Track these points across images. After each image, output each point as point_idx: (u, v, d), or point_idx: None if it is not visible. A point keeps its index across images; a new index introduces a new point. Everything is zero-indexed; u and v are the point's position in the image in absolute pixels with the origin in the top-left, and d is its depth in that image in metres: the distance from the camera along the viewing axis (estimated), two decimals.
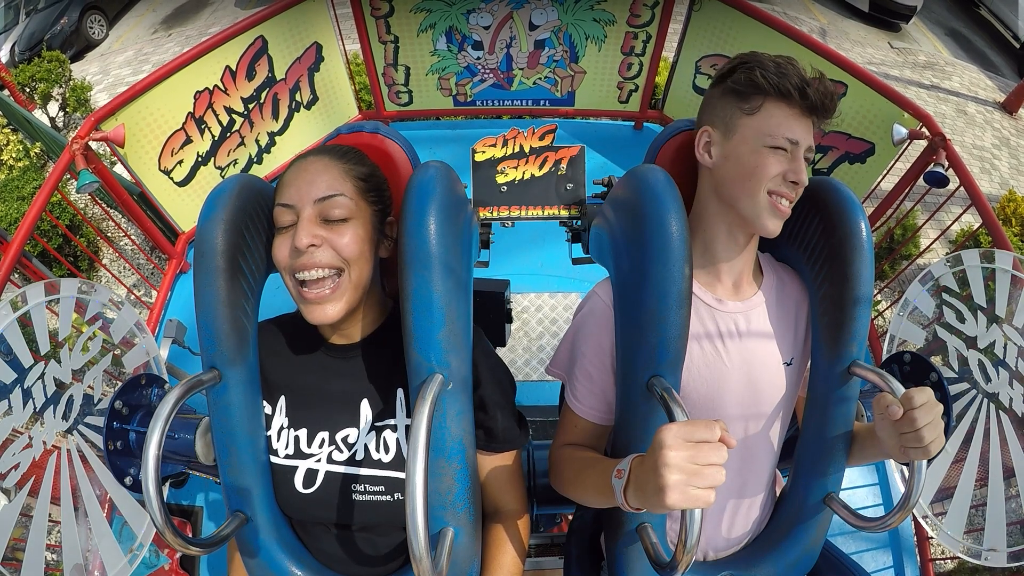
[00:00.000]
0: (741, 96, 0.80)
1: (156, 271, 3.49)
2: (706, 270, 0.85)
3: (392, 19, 2.66)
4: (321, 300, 0.73)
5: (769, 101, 0.78)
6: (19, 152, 4.11)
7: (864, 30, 7.34)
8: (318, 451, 0.79)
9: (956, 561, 2.35)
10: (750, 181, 0.78)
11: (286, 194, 0.75)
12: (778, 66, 0.78)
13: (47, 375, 1.19)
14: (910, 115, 2.18)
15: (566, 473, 0.84)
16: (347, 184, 0.76)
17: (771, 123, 0.78)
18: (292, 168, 0.78)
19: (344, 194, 0.75)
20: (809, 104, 0.77)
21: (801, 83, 0.77)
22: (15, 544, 1.12)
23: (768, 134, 0.77)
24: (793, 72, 0.77)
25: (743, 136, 0.79)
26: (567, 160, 1.18)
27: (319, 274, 0.72)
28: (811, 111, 0.78)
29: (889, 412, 0.69)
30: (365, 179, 0.79)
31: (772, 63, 0.79)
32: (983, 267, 1.28)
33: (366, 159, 0.83)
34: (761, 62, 0.79)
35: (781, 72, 0.77)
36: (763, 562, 0.88)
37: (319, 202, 0.73)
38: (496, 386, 0.83)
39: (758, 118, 0.78)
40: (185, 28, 7.56)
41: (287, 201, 0.75)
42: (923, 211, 4.00)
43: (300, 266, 0.72)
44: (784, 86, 0.76)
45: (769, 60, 0.79)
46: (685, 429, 0.57)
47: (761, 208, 0.78)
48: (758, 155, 0.78)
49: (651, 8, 2.62)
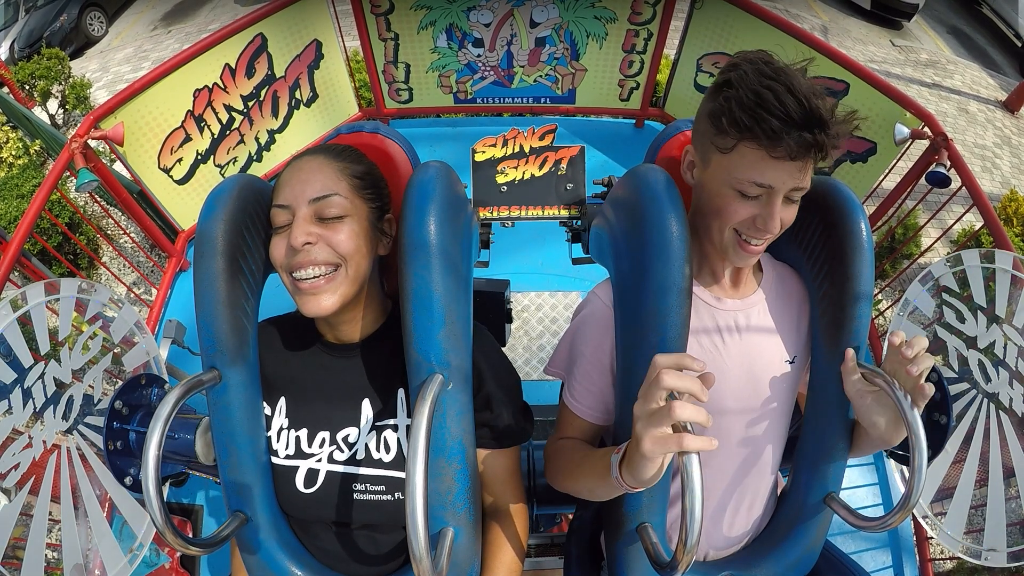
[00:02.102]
0: (717, 128, 0.71)
1: (156, 269, 3.49)
2: (704, 269, 0.85)
3: (392, 16, 2.66)
4: (316, 290, 0.73)
5: (742, 143, 0.68)
6: (18, 150, 4.11)
7: (866, 28, 7.32)
8: (319, 451, 0.79)
9: (955, 561, 2.35)
10: (716, 220, 0.75)
11: (282, 194, 0.75)
12: (758, 100, 0.64)
13: (47, 375, 1.19)
14: (912, 114, 2.18)
15: (561, 461, 0.84)
16: (342, 183, 0.76)
17: (741, 165, 0.69)
18: (288, 168, 0.78)
19: (339, 193, 0.75)
20: (790, 152, 0.65)
21: (782, 125, 0.63)
22: (15, 543, 1.12)
23: (735, 178, 0.70)
24: (776, 109, 0.63)
25: (713, 172, 0.74)
26: (567, 160, 1.18)
27: (315, 272, 0.72)
28: (794, 158, 0.66)
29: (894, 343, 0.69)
30: (361, 177, 0.79)
31: (752, 95, 0.65)
32: (983, 267, 1.27)
33: (363, 157, 0.83)
34: (740, 94, 0.66)
35: (758, 112, 0.64)
36: (763, 562, 0.88)
37: (314, 202, 0.73)
38: (500, 383, 0.83)
39: (729, 158, 0.70)
40: (184, 25, 7.55)
41: (283, 201, 0.75)
42: (924, 210, 3.99)
43: (296, 264, 0.72)
44: (755, 130, 0.65)
45: (752, 88, 0.65)
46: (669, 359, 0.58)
47: (727, 245, 0.76)
48: (723, 197, 0.72)
49: (652, 6, 2.61)
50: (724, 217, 0.74)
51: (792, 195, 0.71)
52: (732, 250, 0.76)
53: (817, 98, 0.64)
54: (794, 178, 0.69)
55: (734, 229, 0.75)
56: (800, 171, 0.69)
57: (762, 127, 0.65)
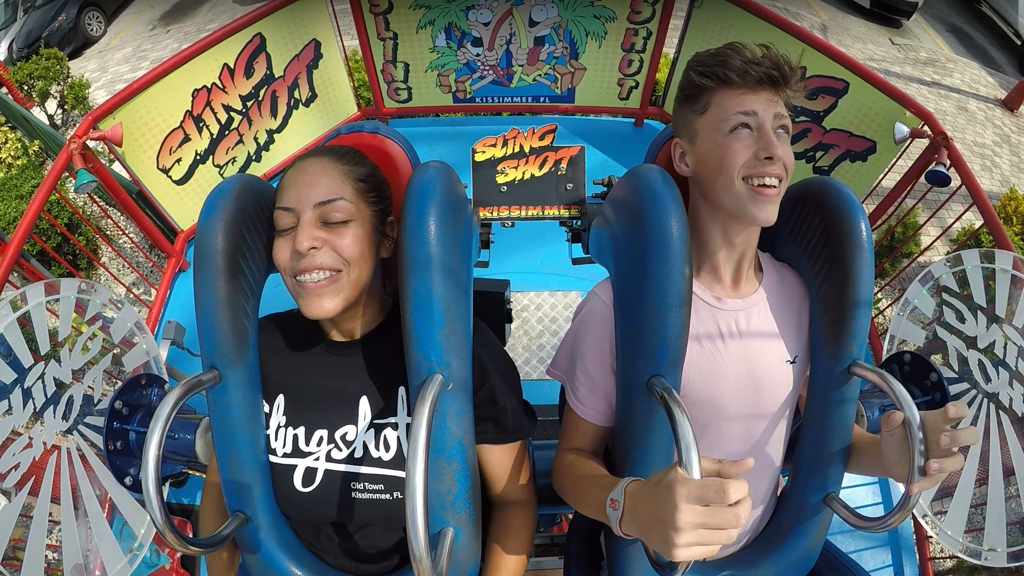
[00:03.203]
0: (692, 100, 0.80)
1: (155, 269, 3.48)
2: (705, 269, 0.85)
3: (391, 15, 2.65)
4: (319, 291, 0.73)
5: (715, 94, 0.76)
6: (17, 150, 4.11)
7: (865, 26, 7.32)
8: (316, 449, 0.79)
9: (955, 560, 2.36)
10: (722, 174, 0.76)
11: (286, 197, 0.75)
12: (715, 56, 0.76)
13: (47, 375, 1.19)
14: (912, 113, 2.18)
15: (568, 486, 0.84)
16: (347, 187, 0.76)
17: (722, 109, 0.76)
18: (292, 170, 0.77)
19: (344, 197, 0.75)
20: (756, 79, 0.74)
21: (743, 63, 0.74)
22: (15, 544, 1.12)
23: (721, 119, 0.76)
24: (732, 55, 0.75)
25: (704, 136, 0.78)
26: (567, 160, 1.17)
27: (319, 276, 0.73)
28: (763, 84, 0.74)
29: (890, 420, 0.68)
30: (365, 180, 0.79)
31: (710, 55, 0.77)
32: (983, 267, 1.28)
33: (366, 159, 0.83)
34: (699, 59, 0.78)
35: (718, 61, 0.75)
36: (763, 562, 0.88)
37: (319, 206, 0.73)
38: (503, 378, 0.83)
39: (710, 112, 0.77)
40: (183, 25, 7.54)
41: (287, 204, 0.74)
42: (924, 209, 3.99)
43: (301, 268, 0.72)
44: (723, 72, 0.74)
45: (709, 53, 0.77)
46: (699, 491, 0.53)
47: (742, 199, 0.75)
48: (720, 145, 0.76)
49: (652, 5, 2.61)
50: (727, 163, 0.75)
51: (779, 125, 0.76)
52: (749, 201, 0.74)
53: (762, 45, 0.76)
54: (774, 104, 0.75)
55: (743, 178, 0.74)
56: (775, 99, 0.75)
57: (728, 67, 0.74)
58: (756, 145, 0.74)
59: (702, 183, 0.81)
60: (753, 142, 0.74)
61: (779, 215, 0.77)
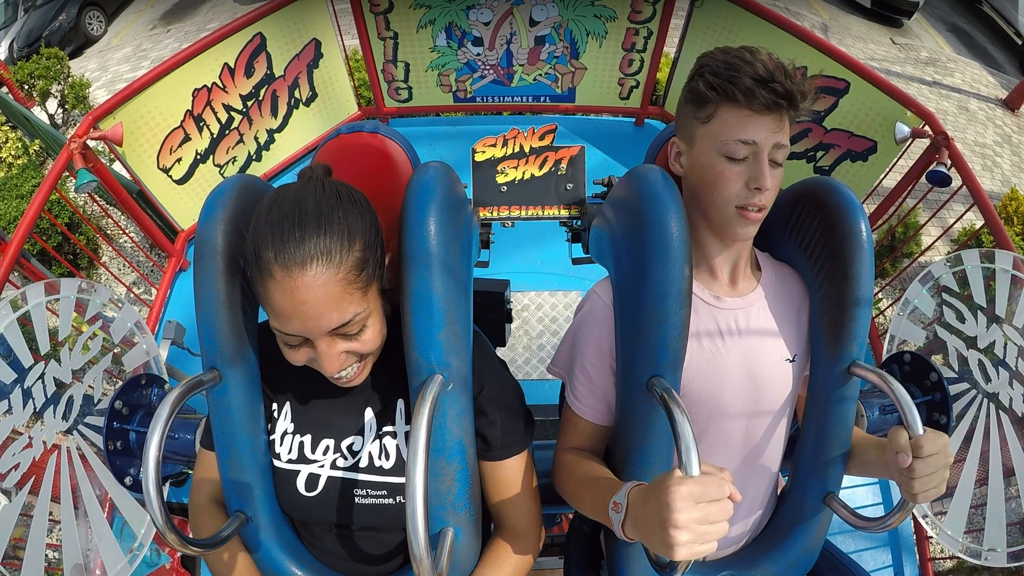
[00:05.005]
0: (696, 104, 0.78)
1: (155, 269, 3.49)
2: (702, 268, 0.85)
3: (391, 15, 2.65)
4: (350, 381, 0.73)
5: (721, 107, 0.75)
6: (18, 150, 4.11)
7: (866, 26, 7.31)
8: (322, 458, 0.79)
9: (955, 561, 2.36)
10: (714, 194, 0.77)
11: (290, 325, 0.64)
12: (728, 67, 0.74)
13: (47, 375, 1.19)
14: (913, 113, 2.18)
15: (567, 486, 0.83)
16: (353, 293, 0.65)
17: (724, 127, 0.75)
18: (282, 291, 0.62)
19: (354, 308, 0.65)
20: (763, 104, 0.72)
21: (754, 82, 0.72)
22: (16, 543, 1.12)
23: (721, 141, 0.75)
24: (746, 70, 0.72)
25: (702, 146, 0.78)
26: (567, 160, 1.17)
27: (348, 372, 0.71)
28: (770, 109, 0.73)
29: (897, 460, 0.68)
30: (362, 256, 0.66)
31: (723, 64, 0.74)
32: (983, 267, 1.27)
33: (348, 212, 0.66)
34: (711, 65, 0.75)
35: (731, 74, 0.73)
36: (763, 562, 0.88)
37: (333, 331, 0.67)
38: (494, 389, 0.81)
39: (712, 125, 0.76)
40: (184, 24, 7.54)
41: (293, 332, 0.65)
42: (925, 209, 3.99)
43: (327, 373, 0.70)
44: (731, 90, 0.73)
45: (721, 60, 0.75)
46: (695, 489, 0.55)
47: (728, 219, 0.77)
48: (715, 167, 0.76)
49: (652, 4, 2.61)
50: (719, 186, 0.76)
51: (776, 156, 0.76)
52: (735, 222, 0.77)
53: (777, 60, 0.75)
54: (775, 133, 0.75)
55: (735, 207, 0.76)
56: (779, 125, 0.75)
57: (737, 85, 0.72)
58: (747, 174, 0.75)
59: (693, 189, 0.82)
60: (746, 169, 0.75)
61: (779, 215, 0.78)
